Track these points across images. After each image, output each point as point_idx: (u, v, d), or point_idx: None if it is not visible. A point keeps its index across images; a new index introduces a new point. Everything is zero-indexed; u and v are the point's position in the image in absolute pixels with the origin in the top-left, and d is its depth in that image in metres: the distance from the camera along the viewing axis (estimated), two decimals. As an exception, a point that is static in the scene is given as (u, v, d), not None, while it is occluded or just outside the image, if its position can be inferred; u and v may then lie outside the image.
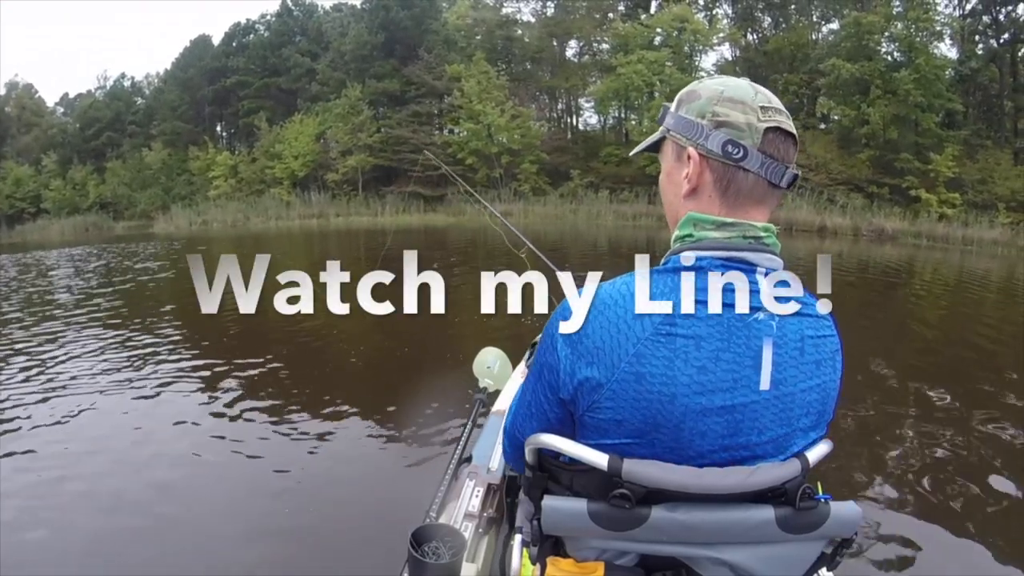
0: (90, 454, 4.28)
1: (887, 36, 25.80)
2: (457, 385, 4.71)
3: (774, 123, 1.11)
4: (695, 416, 1.07)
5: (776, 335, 1.09)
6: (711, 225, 1.13)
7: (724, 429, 1.09)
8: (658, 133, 1.25)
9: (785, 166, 1.12)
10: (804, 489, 1.11)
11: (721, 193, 1.14)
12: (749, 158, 1.10)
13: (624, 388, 1.07)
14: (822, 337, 1.15)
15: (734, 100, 1.12)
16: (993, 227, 21.15)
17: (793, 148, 1.14)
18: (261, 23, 40.85)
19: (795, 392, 1.12)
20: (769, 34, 34.00)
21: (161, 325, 8.23)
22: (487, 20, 35.70)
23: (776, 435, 1.13)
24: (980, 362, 6.74)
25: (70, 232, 33.79)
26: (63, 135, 44.42)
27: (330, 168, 32.76)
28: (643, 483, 1.08)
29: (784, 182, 1.13)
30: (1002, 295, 12.21)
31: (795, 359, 1.11)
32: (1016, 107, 26.32)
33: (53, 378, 5.97)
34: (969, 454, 4.22)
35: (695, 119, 1.15)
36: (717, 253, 1.10)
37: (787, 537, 1.13)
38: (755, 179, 1.12)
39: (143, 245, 21.97)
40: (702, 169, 1.14)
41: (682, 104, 1.19)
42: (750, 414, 1.09)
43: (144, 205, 37.73)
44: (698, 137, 1.14)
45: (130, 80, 45.77)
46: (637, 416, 1.07)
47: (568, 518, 1.14)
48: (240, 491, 3.68)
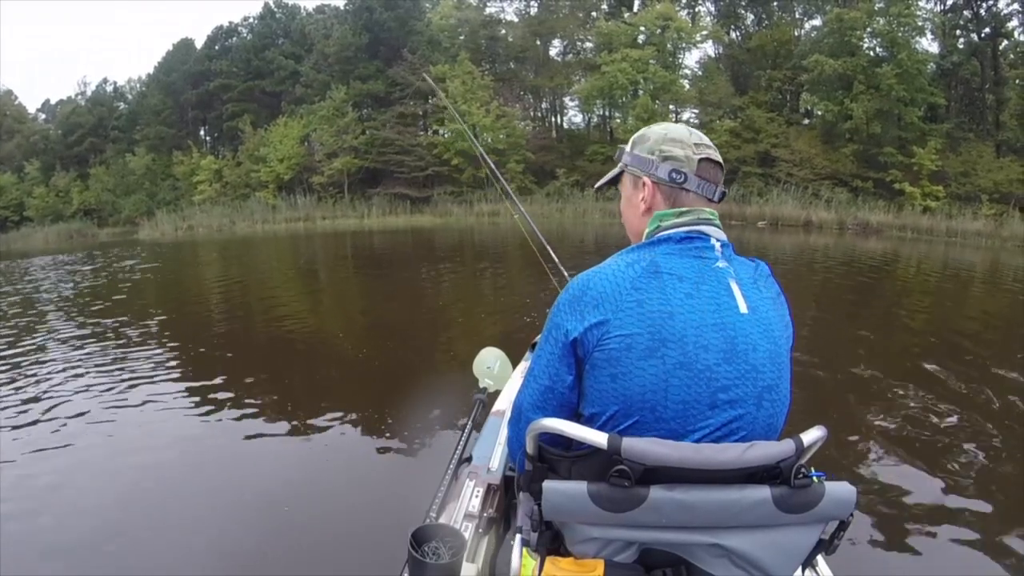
0: (83, 461, 4.24)
1: (869, 32, 25.95)
2: (457, 385, 4.72)
3: (705, 154, 1.45)
4: (695, 330, 1.27)
5: (735, 277, 1.37)
6: (672, 215, 1.44)
7: (723, 343, 1.28)
8: (617, 169, 1.60)
9: (715, 186, 1.46)
10: (798, 468, 1.18)
11: (671, 208, 1.46)
12: (688, 181, 1.44)
13: (629, 314, 1.28)
14: (768, 278, 1.45)
15: (675, 140, 1.46)
16: (977, 219, 21.34)
17: (720, 172, 1.48)
18: (244, 26, 40.72)
19: (768, 314, 1.37)
20: (752, 31, 34.18)
21: (153, 329, 8.17)
22: (471, 20, 35.66)
23: (768, 351, 1.33)
24: (966, 348, 6.80)
25: (54, 239, 33.48)
26: (45, 142, 44.10)
27: (315, 171, 32.63)
28: (642, 460, 1.15)
29: (716, 196, 1.46)
30: (986, 284, 12.33)
31: (756, 293, 1.38)
32: (998, 100, 26.56)
33: (43, 387, 5.91)
34: (959, 436, 4.25)
35: (647, 156, 1.48)
36: (681, 229, 1.41)
37: (784, 519, 1.17)
38: (694, 196, 1.45)
39: (128, 250, 21.81)
40: (654, 192, 1.47)
41: (635, 145, 1.53)
42: (741, 330, 1.31)
43: (128, 211, 37.52)
44: (650, 168, 1.47)
45: (112, 85, 45.58)
46: (644, 334, 1.27)
47: (568, 500, 1.19)
48: (239, 492, 3.66)
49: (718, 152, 1.49)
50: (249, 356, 7.01)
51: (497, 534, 1.90)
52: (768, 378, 1.31)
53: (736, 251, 1.47)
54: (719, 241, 1.41)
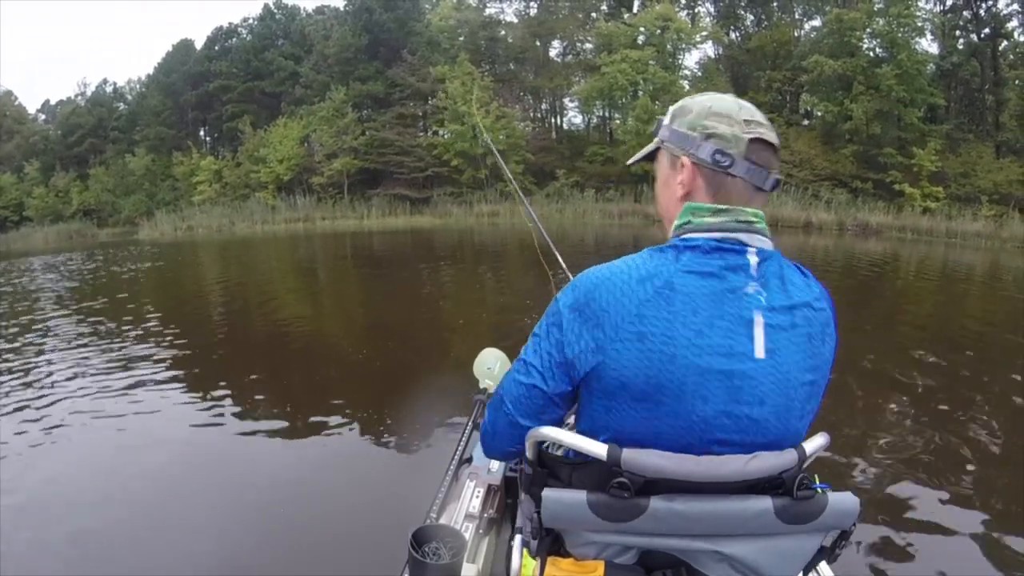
0: (81, 459, 4.25)
1: (869, 32, 25.96)
2: (457, 386, 4.70)
3: (757, 134, 1.22)
4: (696, 377, 1.13)
5: (765, 307, 1.17)
6: (707, 212, 1.23)
7: (725, 394, 1.14)
8: (653, 144, 1.38)
9: (767, 172, 1.23)
10: (801, 479, 1.15)
11: (712, 196, 1.24)
12: (735, 165, 1.22)
13: (627, 348, 1.14)
14: (813, 309, 1.22)
15: (721, 114, 1.24)
16: (976, 220, 21.32)
17: (775, 156, 1.25)
18: (243, 27, 40.75)
19: (790, 362, 1.18)
20: (752, 31, 34.23)
21: (153, 328, 8.16)
22: (470, 21, 35.64)
23: (777, 405, 1.17)
24: (966, 350, 6.80)
25: (54, 239, 33.49)
26: (45, 142, 44.16)
27: (315, 171, 32.62)
28: (642, 471, 1.11)
29: (767, 185, 1.24)
30: (986, 286, 12.32)
31: (786, 331, 1.18)
32: (997, 101, 26.55)
33: (41, 385, 5.90)
34: (959, 440, 4.24)
35: (687, 131, 1.26)
36: (713, 234, 1.20)
37: (786, 529, 1.14)
38: (742, 183, 1.23)
39: (128, 250, 21.80)
40: (694, 175, 1.26)
41: (675, 118, 1.30)
42: (749, 381, 1.15)
43: (128, 211, 37.55)
44: (690, 147, 1.25)
45: (112, 86, 45.63)
46: (640, 376, 1.13)
47: (568, 509, 1.16)
48: (239, 491, 3.66)
49: (774, 131, 1.27)
50: (249, 355, 7.01)
51: (497, 535, 1.90)
52: (771, 433, 1.18)
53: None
54: (759, 254, 1.20)
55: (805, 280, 1.26)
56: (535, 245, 3.13)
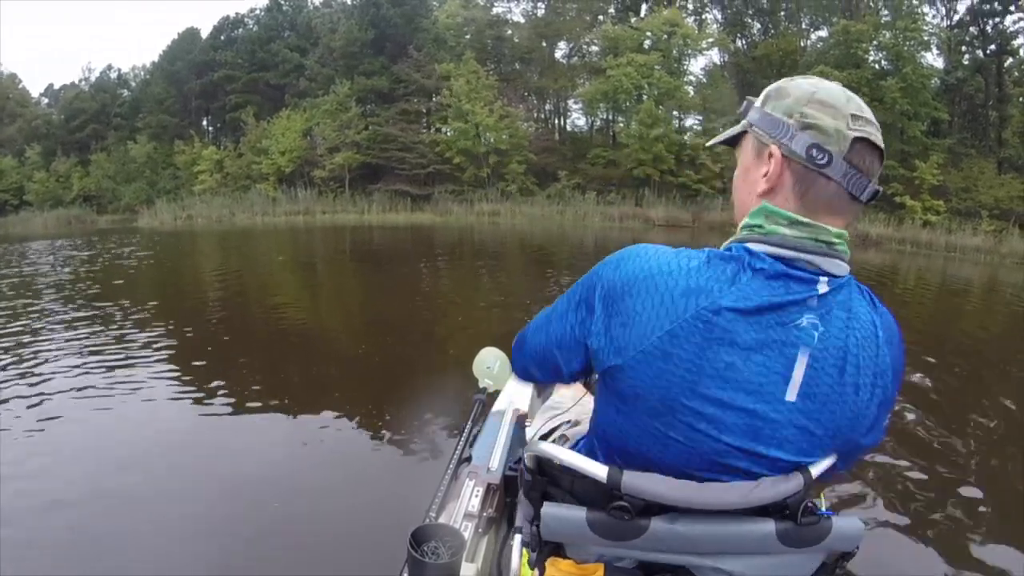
0: (74, 455, 4.19)
1: (875, 45, 26.00)
2: (456, 385, 4.69)
3: (864, 133, 1.05)
4: (715, 409, 1.04)
5: (816, 346, 1.05)
6: (784, 221, 1.08)
7: (742, 432, 1.06)
8: (740, 126, 1.21)
9: (868, 180, 1.07)
10: (807, 504, 1.09)
11: (799, 197, 1.09)
12: (833, 165, 1.05)
13: (649, 361, 1.05)
14: (870, 355, 1.09)
15: (825, 103, 1.07)
16: (976, 234, 21.32)
17: (879, 163, 1.09)
18: (250, 17, 40.75)
19: (822, 412, 1.07)
20: (758, 40, 34.27)
21: (149, 317, 8.15)
22: (477, 19, 35.68)
23: (797, 450, 1.09)
24: (964, 360, 6.81)
25: (53, 224, 33.43)
26: (47, 126, 44.08)
27: (317, 164, 32.60)
28: (643, 496, 1.08)
29: (865, 195, 1.08)
30: (985, 300, 12.34)
31: (832, 377, 1.06)
32: (1000, 117, 26.58)
33: (34, 375, 5.87)
34: (959, 454, 4.24)
35: (782, 117, 1.10)
36: (783, 252, 1.06)
37: (787, 550, 1.12)
38: (836, 188, 1.07)
39: (127, 238, 21.77)
40: (782, 170, 1.09)
41: (769, 100, 1.15)
42: (771, 424, 1.06)
43: (129, 199, 37.50)
44: (783, 136, 1.09)
45: (116, 72, 45.62)
46: (656, 394, 1.06)
47: (567, 526, 1.15)
48: (237, 491, 3.62)
49: (880, 133, 1.09)
50: (246, 349, 6.98)
51: (497, 534, 1.90)
52: (785, 470, 1.09)
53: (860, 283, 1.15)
54: (830, 283, 1.06)
55: (873, 315, 1.12)
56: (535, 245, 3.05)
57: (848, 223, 1.11)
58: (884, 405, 1.13)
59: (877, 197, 1.09)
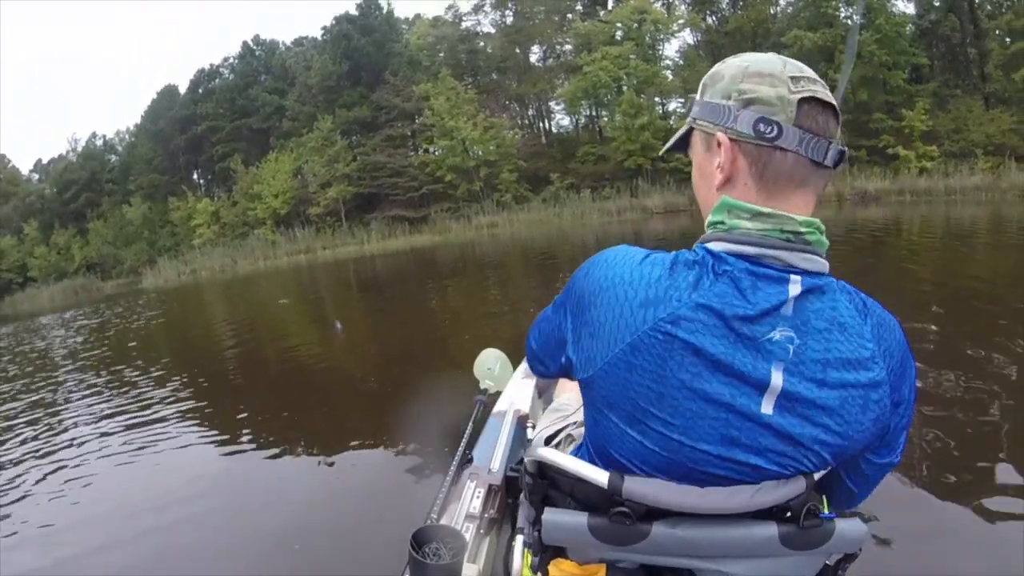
0: (105, 509, 4.23)
1: (844, 0, 25.95)
2: (458, 387, 4.68)
3: (808, 92, 0.99)
4: (685, 420, 1.00)
5: (791, 360, 0.98)
6: (746, 214, 1.01)
7: (718, 438, 1.01)
8: (685, 126, 1.15)
9: (828, 141, 1.01)
10: (809, 507, 1.06)
11: (757, 179, 1.02)
12: (785, 135, 0.98)
13: (616, 372, 1.02)
14: (858, 376, 1.02)
15: (762, 74, 1.01)
16: (974, 174, 21.23)
17: (834, 120, 1.02)
18: (225, 67, 41.18)
19: (805, 425, 1.01)
20: (728, 14, 34.22)
21: (163, 379, 8.13)
22: (448, 36, 35.90)
23: (782, 463, 1.03)
24: (976, 307, 6.73)
25: (60, 297, 33.67)
26: (41, 201, 44.65)
27: (311, 202, 32.85)
28: (644, 502, 1.06)
29: (829, 159, 1.01)
30: (991, 238, 12.24)
31: (811, 391, 1.00)
32: (980, 53, 26.51)
33: (57, 442, 5.91)
34: (967, 450, 4.12)
35: (721, 101, 1.04)
36: (748, 249, 0.99)
37: (790, 553, 1.10)
38: (795, 159, 1.00)
39: (134, 300, 21.90)
40: (734, 155, 1.03)
41: (706, 89, 1.09)
42: (749, 432, 1.00)
43: (130, 261, 37.89)
44: (726, 120, 1.03)
45: (102, 138, 46.16)
46: (627, 403, 1.02)
47: (568, 531, 1.14)
48: (239, 493, 3.71)
49: (828, 89, 1.03)
50: (258, 390, 7.01)
51: (498, 535, 1.89)
52: (769, 476, 1.04)
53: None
54: (804, 282, 0.99)
55: (861, 323, 1.03)
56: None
57: (818, 193, 1.06)
58: (880, 421, 1.06)
59: (845, 159, 1.04)
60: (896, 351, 1.07)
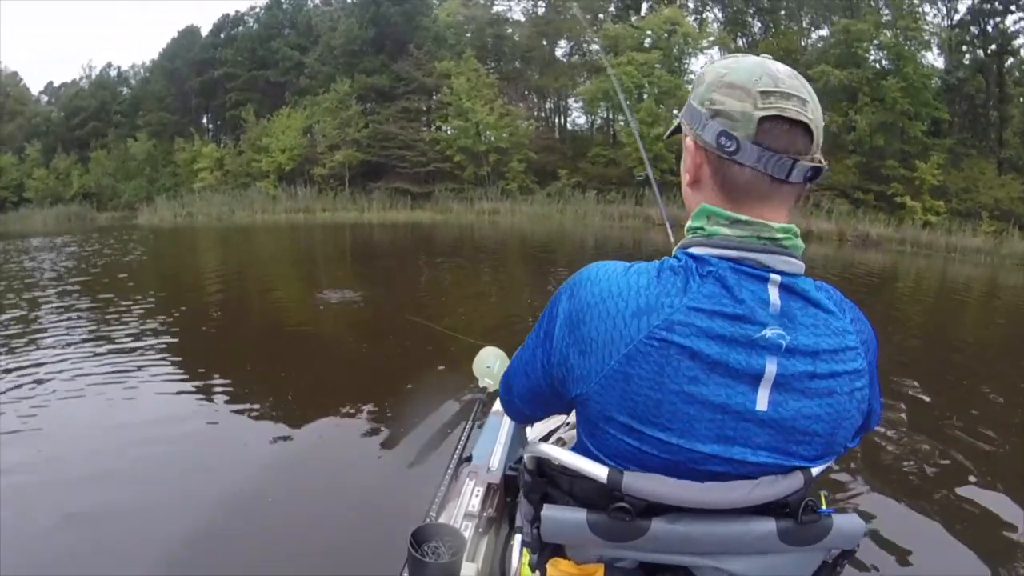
0: (74, 452, 4.19)
1: (876, 44, 26.02)
2: (457, 385, 4.71)
3: (774, 110, 0.99)
4: (682, 424, 1.02)
5: (782, 355, 1.02)
6: (725, 220, 1.05)
7: (715, 438, 1.03)
8: (676, 120, 1.18)
9: (792, 159, 1.00)
10: (807, 503, 1.09)
11: (719, 187, 1.07)
12: (743, 151, 1.01)
13: (613, 385, 1.04)
14: (841, 362, 1.06)
15: (733, 85, 1.02)
16: (976, 235, 21.37)
17: (803, 137, 1.01)
18: (250, 15, 40.63)
19: (797, 419, 1.04)
20: (759, 39, 34.16)
21: (149, 316, 8.12)
22: (478, 17, 35.66)
23: (775, 456, 1.06)
24: (963, 364, 6.80)
25: (52, 222, 33.34)
26: (47, 124, 44.09)
27: (317, 162, 32.56)
28: (644, 497, 1.07)
29: (794, 176, 1.01)
30: (984, 301, 12.34)
31: (802, 383, 1.03)
32: (1001, 117, 26.59)
33: (33, 375, 5.87)
34: (954, 454, 4.24)
35: (697, 107, 1.07)
36: (728, 253, 1.03)
37: (788, 548, 1.12)
38: (751, 174, 1.02)
39: (126, 235, 21.75)
40: (701, 161, 1.08)
41: (693, 88, 1.11)
42: (743, 432, 1.03)
43: (128, 196, 37.44)
44: (698, 127, 1.06)
45: (116, 70, 45.48)
46: (624, 413, 1.04)
47: (567, 528, 1.13)
48: (237, 490, 3.61)
49: (807, 105, 1.02)
50: (245, 347, 7.00)
51: (497, 534, 1.89)
52: (768, 471, 1.07)
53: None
54: (783, 282, 1.04)
55: (842, 319, 1.09)
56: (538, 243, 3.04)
57: (788, 207, 1.08)
58: (862, 408, 1.11)
59: (821, 175, 1.05)
60: (871, 342, 1.13)
